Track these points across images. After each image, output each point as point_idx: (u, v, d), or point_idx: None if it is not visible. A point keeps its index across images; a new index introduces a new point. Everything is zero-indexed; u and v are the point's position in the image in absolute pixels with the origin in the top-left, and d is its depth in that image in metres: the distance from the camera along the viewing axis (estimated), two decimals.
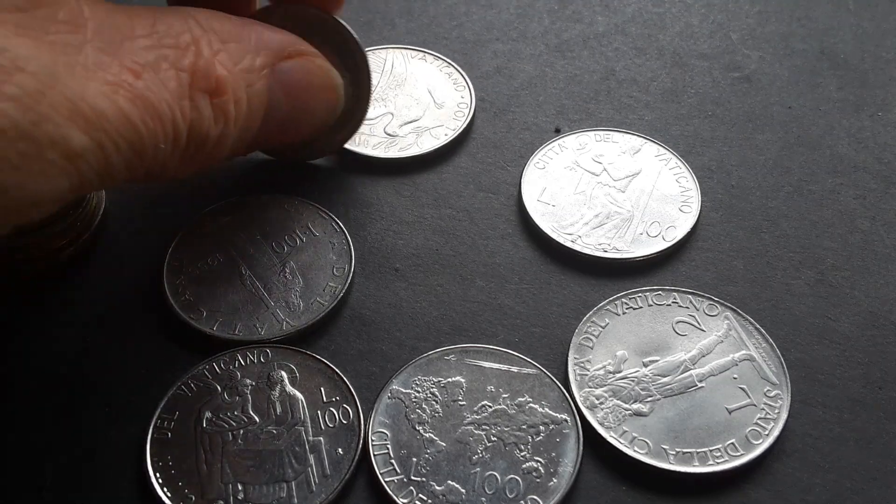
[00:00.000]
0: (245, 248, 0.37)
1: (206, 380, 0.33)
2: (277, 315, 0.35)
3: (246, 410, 0.32)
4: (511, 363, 0.33)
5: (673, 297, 0.35)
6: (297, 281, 0.36)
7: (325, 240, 0.37)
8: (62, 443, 0.32)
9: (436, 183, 0.40)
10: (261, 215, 0.38)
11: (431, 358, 0.33)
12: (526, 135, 0.41)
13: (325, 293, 0.35)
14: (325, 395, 0.32)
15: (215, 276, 0.36)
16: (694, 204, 0.38)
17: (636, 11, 0.47)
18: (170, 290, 0.36)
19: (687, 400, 0.32)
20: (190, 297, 0.35)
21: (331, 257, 0.36)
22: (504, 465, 0.31)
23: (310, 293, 0.35)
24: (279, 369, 0.33)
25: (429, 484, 0.30)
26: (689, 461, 0.30)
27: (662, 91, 0.43)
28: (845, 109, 0.42)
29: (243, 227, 0.38)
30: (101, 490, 0.31)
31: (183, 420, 0.32)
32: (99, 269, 0.37)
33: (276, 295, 0.35)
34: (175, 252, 0.37)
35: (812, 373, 0.33)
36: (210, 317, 0.35)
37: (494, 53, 0.45)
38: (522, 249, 0.37)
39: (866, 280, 0.36)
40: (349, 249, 0.37)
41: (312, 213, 0.38)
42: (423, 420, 0.32)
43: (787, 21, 0.46)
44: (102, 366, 0.34)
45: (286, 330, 0.34)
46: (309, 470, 0.31)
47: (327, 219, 0.38)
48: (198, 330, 0.34)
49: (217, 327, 0.34)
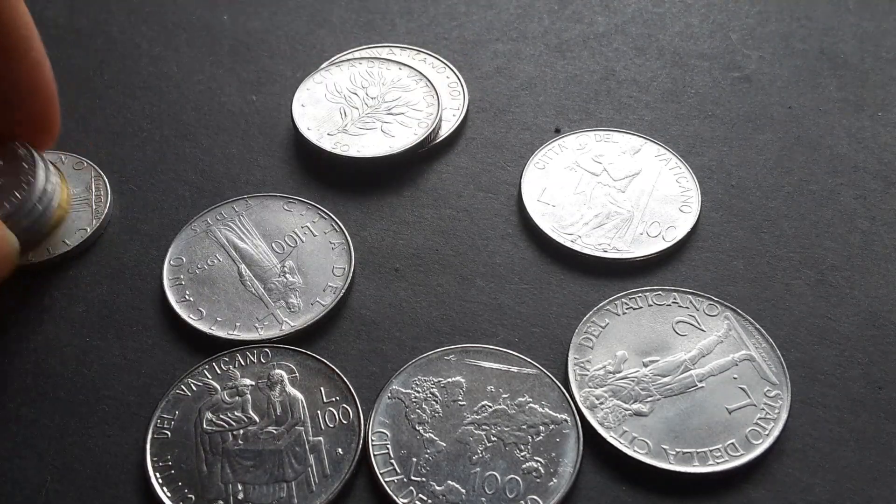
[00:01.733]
0: (245, 249, 0.37)
1: (205, 380, 0.33)
2: (277, 315, 0.35)
3: (246, 410, 0.32)
4: (511, 363, 0.33)
5: (673, 297, 0.35)
6: (296, 281, 0.36)
7: (325, 240, 0.37)
8: (62, 443, 0.32)
9: (436, 183, 0.40)
10: (261, 215, 0.38)
11: (431, 358, 0.33)
12: (526, 135, 0.41)
13: (325, 293, 0.35)
14: (325, 395, 0.32)
15: (215, 276, 0.36)
16: (694, 204, 0.38)
17: (636, 11, 0.47)
18: (170, 290, 0.36)
19: (687, 400, 0.32)
20: (190, 297, 0.35)
21: (331, 257, 0.36)
22: (504, 465, 0.31)
23: (310, 293, 0.35)
24: (279, 369, 0.33)
25: (429, 484, 0.30)
26: (689, 461, 0.30)
27: (662, 91, 0.43)
28: (845, 109, 0.42)
29: (244, 227, 0.38)
30: (102, 490, 0.31)
31: (183, 420, 0.32)
32: (99, 268, 0.37)
33: (276, 295, 0.35)
34: (175, 252, 0.37)
35: (812, 373, 0.33)
36: (210, 317, 0.35)
37: (494, 53, 0.45)
38: (522, 249, 0.37)
39: (866, 280, 0.36)
40: (349, 249, 0.37)
41: (313, 213, 0.38)
42: (423, 420, 0.32)
43: (787, 21, 0.46)
44: (102, 366, 0.34)
45: (286, 330, 0.34)
46: (309, 470, 0.31)
47: (327, 219, 0.38)
48: (198, 330, 0.34)
49: (217, 327, 0.34)
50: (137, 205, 0.39)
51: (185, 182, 0.40)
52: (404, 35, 0.46)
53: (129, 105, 0.44)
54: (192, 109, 0.43)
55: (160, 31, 0.47)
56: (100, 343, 0.35)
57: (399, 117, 0.41)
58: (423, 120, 0.41)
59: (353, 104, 0.42)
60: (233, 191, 0.40)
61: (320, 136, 0.41)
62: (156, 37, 0.47)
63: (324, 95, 0.42)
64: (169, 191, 0.40)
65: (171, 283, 0.36)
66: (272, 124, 0.43)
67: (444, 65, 0.44)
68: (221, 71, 0.45)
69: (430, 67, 0.44)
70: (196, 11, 0.48)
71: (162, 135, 0.42)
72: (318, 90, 0.43)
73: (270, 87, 0.44)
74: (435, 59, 0.45)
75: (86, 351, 0.35)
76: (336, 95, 0.42)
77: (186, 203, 0.39)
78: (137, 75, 0.45)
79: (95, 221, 0.38)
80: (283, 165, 0.41)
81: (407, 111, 0.41)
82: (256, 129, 0.42)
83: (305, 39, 0.46)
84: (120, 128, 0.43)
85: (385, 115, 0.41)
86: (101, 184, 0.40)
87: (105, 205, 0.39)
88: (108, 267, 0.37)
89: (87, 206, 0.39)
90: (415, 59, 0.45)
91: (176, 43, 0.46)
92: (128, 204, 0.40)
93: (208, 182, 0.40)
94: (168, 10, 0.48)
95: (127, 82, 0.45)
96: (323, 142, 0.40)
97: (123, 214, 0.39)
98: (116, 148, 0.42)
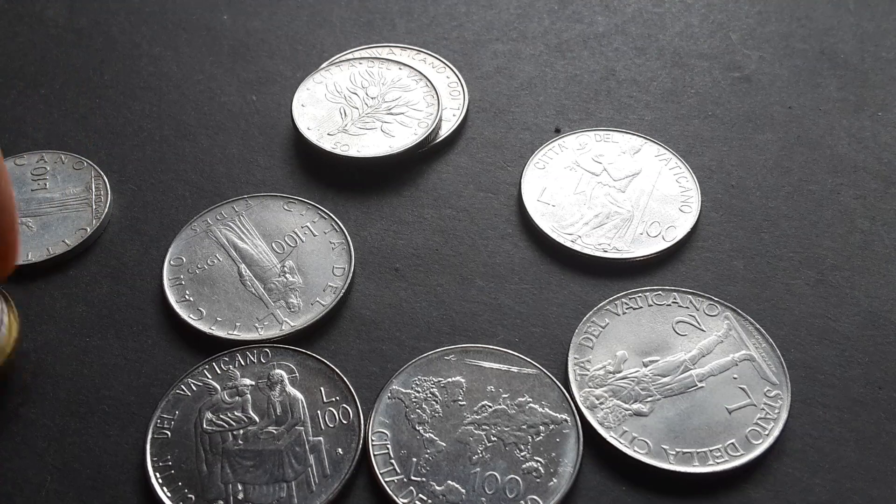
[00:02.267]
0: (245, 248, 0.37)
1: (205, 379, 0.33)
2: (277, 315, 0.35)
3: (246, 410, 0.32)
4: (511, 363, 0.33)
5: (673, 297, 0.35)
6: (297, 281, 0.36)
7: (325, 240, 0.37)
8: (62, 443, 0.32)
9: (436, 183, 0.40)
10: (261, 215, 0.38)
11: (431, 358, 0.33)
12: (526, 135, 0.42)
13: (325, 293, 0.35)
14: (325, 396, 0.32)
15: (215, 275, 0.36)
16: (694, 204, 0.38)
17: (636, 11, 0.47)
18: (169, 289, 0.36)
19: (687, 400, 0.32)
20: (190, 297, 0.35)
21: (331, 257, 0.36)
22: (504, 465, 0.31)
23: (310, 293, 0.35)
24: (279, 369, 0.33)
25: (429, 484, 0.30)
26: (689, 461, 0.30)
27: (662, 91, 0.43)
28: (845, 109, 0.42)
29: (244, 227, 0.38)
30: (102, 490, 0.31)
31: (183, 420, 0.32)
32: (99, 268, 0.37)
33: (276, 295, 0.35)
34: (175, 252, 0.37)
35: (812, 373, 0.33)
36: (210, 317, 0.35)
37: (494, 53, 0.45)
38: (522, 249, 0.37)
39: (866, 280, 0.36)
40: (349, 249, 0.37)
41: (313, 213, 0.38)
42: (423, 420, 0.32)
43: (787, 21, 0.46)
44: (102, 366, 0.34)
45: (286, 330, 0.34)
46: (309, 470, 0.31)
47: (327, 219, 0.38)
48: (198, 330, 0.34)
49: (217, 327, 0.34)
50: (137, 205, 0.39)
51: (185, 182, 0.40)
52: (404, 35, 0.46)
53: (129, 105, 0.44)
54: (192, 109, 0.43)
55: (160, 31, 0.47)
56: (100, 343, 0.35)
57: (399, 117, 0.41)
58: (423, 120, 0.41)
59: (353, 104, 0.42)
60: (233, 191, 0.40)
61: (320, 136, 0.41)
62: (156, 37, 0.47)
63: (324, 95, 0.42)
64: (169, 191, 0.40)
65: (171, 282, 0.36)
66: (272, 124, 0.43)
67: (444, 65, 0.44)
68: (221, 71, 0.45)
69: (430, 67, 0.44)
70: (196, 11, 0.48)
71: (162, 135, 0.42)
72: (318, 90, 0.43)
73: (270, 87, 0.44)
74: (435, 59, 0.45)
75: (86, 351, 0.35)
76: (336, 95, 0.42)
77: (186, 203, 0.39)
78: (137, 75, 0.45)
79: (95, 221, 0.38)
80: (283, 165, 0.41)
81: (407, 111, 0.41)
82: (256, 129, 0.42)
83: (305, 39, 0.46)
84: (120, 128, 0.43)
85: (385, 115, 0.41)
86: (101, 184, 0.40)
87: (105, 205, 0.39)
88: (108, 267, 0.37)
89: (87, 206, 0.39)
90: (415, 59, 0.45)
91: (176, 43, 0.46)
92: (128, 204, 0.40)
93: (208, 182, 0.40)
94: (168, 10, 0.48)
95: (127, 82, 0.45)
96: (323, 142, 0.40)
97: (123, 214, 0.39)
98: (116, 148, 0.42)
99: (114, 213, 0.39)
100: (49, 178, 0.40)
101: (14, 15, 0.48)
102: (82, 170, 0.40)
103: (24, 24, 0.48)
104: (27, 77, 0.45)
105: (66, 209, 0.39)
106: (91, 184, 0.40)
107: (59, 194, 0.40)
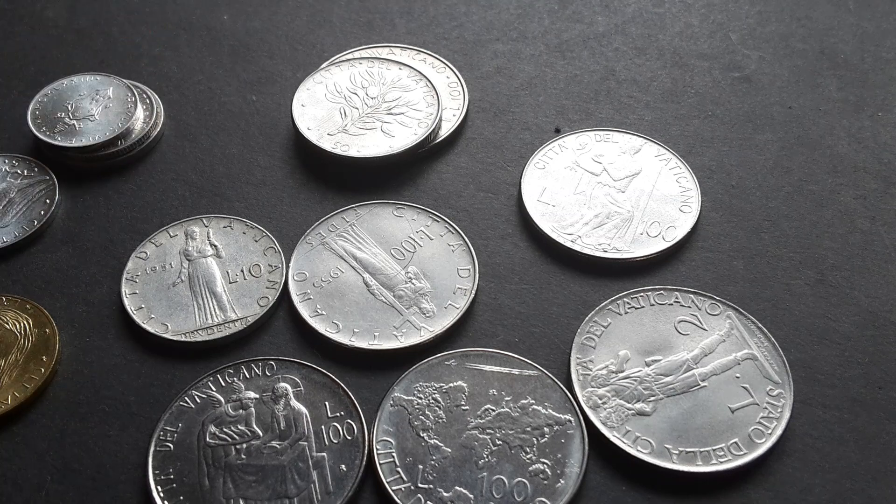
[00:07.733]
0: (365, 258, 0.36)
1: (210, 391, 0.33)
2: (413, 322, 0.34)
3: (250, 424, 0.32)
4: (511, 366, 0.33)
5: (675, 296, 0.35)
6: (425, 286, 0.35)
7: (443, 242, 0.37)
8: (62, 443, 0.32)
9: (436, 183, 0.40)
10: (373, 223, 0.38)
11: (432, 363, 0.33)
12: (526, 135, 0.42)
13: (455, 296, 0.35)
14: (330, 410, 0.32)
15: (342, 287, 0.35)
16: (694, 204, 0.38)
17: (636, 11, 0.47)
18: (300, 305, 0.35)
19: (690, 399, 0.32)
20: (322, 311, 0.35)
21: (453, 259, 0.36)
22: (511, 469, 0.30)
23: (441, 297, 0.35)
24: (284, 382, 0.33)
25: (436, 490, 0.30)
26: (692, 461, 0.30)
27: (662, 91, 0.43)
28: (845, 109, 0.42)
29: (358, 236, 0.37)
30: (102, 490, 0.31)
31: (186, 433, 0.32)
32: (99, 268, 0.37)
33: (407, 301, 0.35)
34: (296, 267, 0.36)
35: (812, 373, 0.33)
36: (347, 329, 0.34)
37: (494, 53, 0.45)
38: (522, 249, 0.37)
39: (866, 280, 0.36)
40: (470, 251, 0.36)
41: (424, 217, 0.37)
42: (427, 426, 0.32)
43: (787, 21, 0.46)
44: (102, 366, 0.34)
45: (426, 336, 0.34)
46: (312, 486, 0.30)
47: (440, 221, 0.37)
48: (335, 342, 0.34)
49: (356, 338, 0.34)
50: (137, 204, 0.39)
51: (185, 182, 0.40)
52: (404, 35, 0.46)
53: None
54: (192, 109, 0.43)
55: (160, 31, 0.47)
56: (100, 343, 0.35)
57: (399, 117, 0.41)
58: (423, 120, 0.41)
59: (353, 104, 0.42)
60: (233, 191, 0.40)
61: (320, 136, 0.40)
62: (156, 37, 0.47)
63: (324, 95, 0.42)
64: (169, 191, 0.40)
65: (300, 297, 0.35)
66: (272, 124, 0.42)
67: (444, 65, 0.44)
68: (221, 71, 0.45)
69: (430, 67, 0.44)
70: (196, 11, 0.48)
71: (162, 134, 0.42)
72: (318, 90, 0.43)
73: (270, 87, 0.44)
74: (435, 59, 0.45)
75: (86, 351, 0.35)
76: (336, 95, 0.42)
77: (186, 203, 0.39)
78: (137, 75, 0.45)
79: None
80: (283, 165, 0.41)
81: (407, 111, 0.41)
82: (256, 129, 0.42)
83: (305, 39, 0.46)
84: None
85: (385, 115, 0.41)
86: None
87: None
88: (109, 267, 0.37)
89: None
90: (415, 59, 0.45)
91: (176, 43, 0.46)
92: (127, 204, 0.39)
93: (208, 182, 0.40)
94: (168, 10, 0.48)
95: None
96: (323, 142, 0.40)
97: (123, 214, 0.39)
98: None
99: (114, 212, 0.39)
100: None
101: (14, 15, 0.48)
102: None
103: (24, 24, 0.48)
104: (27, 77, 0.45)
105: None
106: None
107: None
